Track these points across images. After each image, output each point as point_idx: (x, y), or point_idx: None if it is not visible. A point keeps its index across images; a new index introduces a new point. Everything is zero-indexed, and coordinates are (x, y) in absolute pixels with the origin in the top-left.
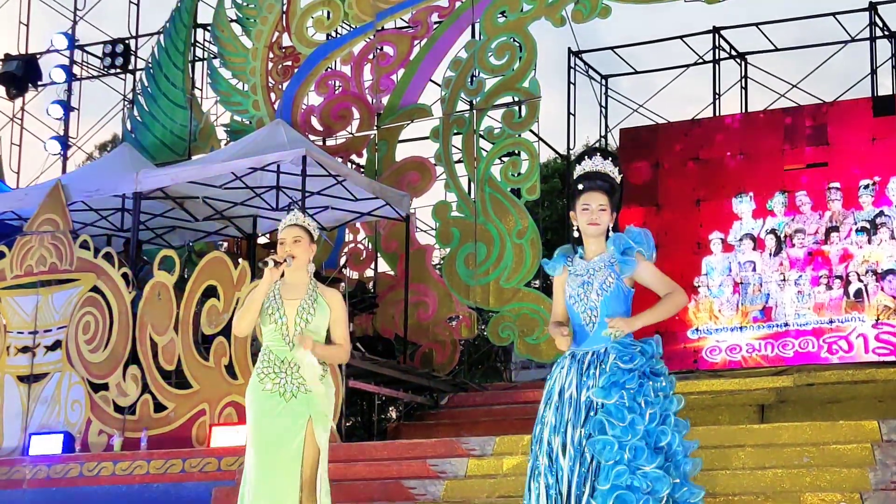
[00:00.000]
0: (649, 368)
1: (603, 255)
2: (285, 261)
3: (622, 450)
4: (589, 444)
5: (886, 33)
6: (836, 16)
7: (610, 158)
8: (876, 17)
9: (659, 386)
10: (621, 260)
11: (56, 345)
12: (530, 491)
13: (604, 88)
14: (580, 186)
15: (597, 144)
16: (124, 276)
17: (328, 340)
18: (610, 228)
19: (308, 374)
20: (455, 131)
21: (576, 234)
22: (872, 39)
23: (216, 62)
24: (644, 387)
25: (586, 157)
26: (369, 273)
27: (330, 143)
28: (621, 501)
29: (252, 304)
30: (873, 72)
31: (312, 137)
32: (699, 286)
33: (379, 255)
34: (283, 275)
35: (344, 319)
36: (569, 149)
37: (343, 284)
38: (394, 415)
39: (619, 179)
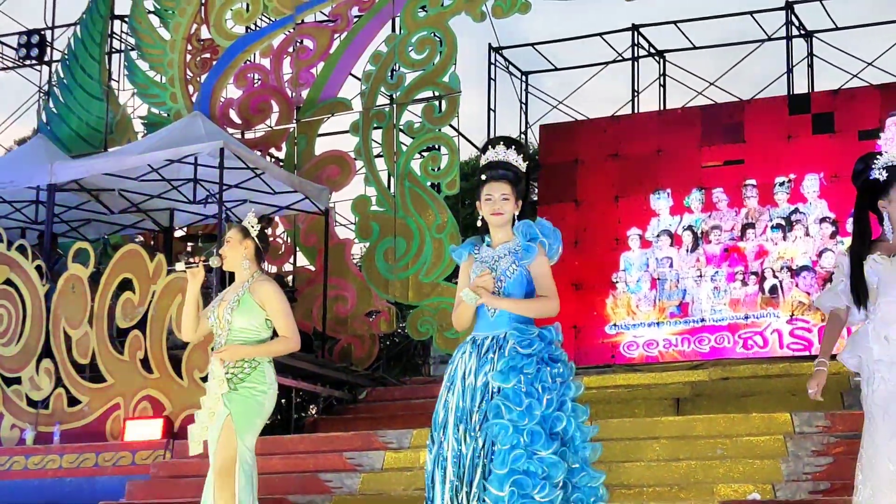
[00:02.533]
0: (548, 354)
1: (508, 243)
2: (204, 261)
3: (518, 433)
4: (486, 427)
5: (802, 32)
6: (754, 15)
7: (514, 147)
8: (792, 16)
9: (557, 372)
10: (525, 246)
11: None
12: (433, 480)
13: (524, 85)
14: (483, 176)
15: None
16: (38, 268)
17: (275, 334)
18: (515, 217)
19: (213, 386)
20: (375, 126)
21: (479, 224)
22: (789, 38)
23: (133, 54)
24: (542, 372)
25: (490, 146)
26: (288, 267)
27: (249, 136)
28: (518, 486)
29: (186, 309)
30: (789, 70)
31: (231, 130)
32: (617, 282)
33: (298, 249)
34: (228, 276)
35: (280, 310)
36: None
37: None
38: (313, 410)
39: (523, 168)
